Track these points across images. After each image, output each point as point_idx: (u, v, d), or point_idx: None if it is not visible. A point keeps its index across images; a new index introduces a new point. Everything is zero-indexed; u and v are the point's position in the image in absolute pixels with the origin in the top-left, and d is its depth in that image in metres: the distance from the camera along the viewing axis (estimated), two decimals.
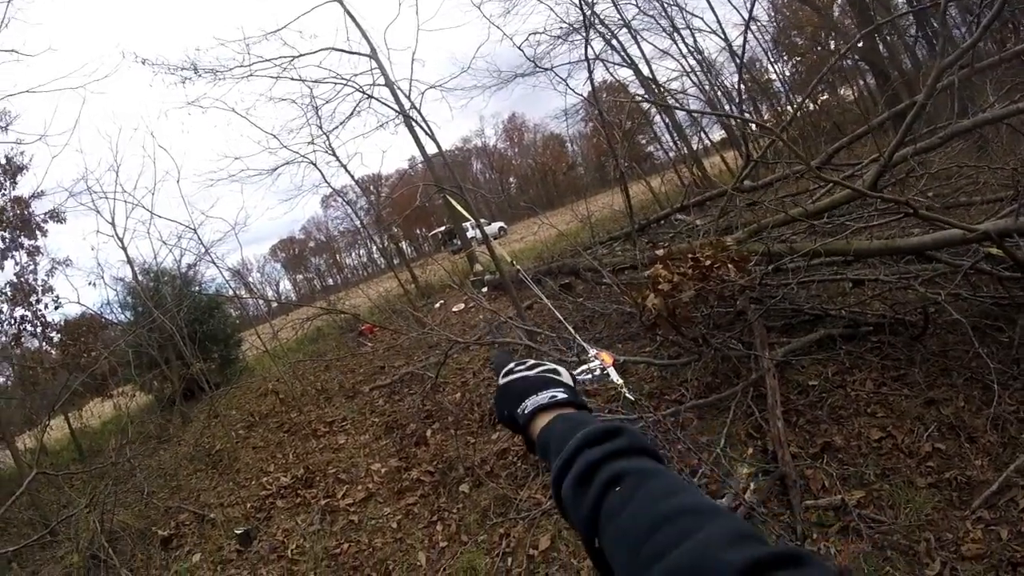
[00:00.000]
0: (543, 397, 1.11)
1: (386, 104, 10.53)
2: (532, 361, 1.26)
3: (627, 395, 4.73)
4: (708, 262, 5.02)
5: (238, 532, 6.04)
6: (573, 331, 2.23)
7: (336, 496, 6.21)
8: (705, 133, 23.36)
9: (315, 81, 11.44)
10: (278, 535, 5.89)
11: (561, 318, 2.58)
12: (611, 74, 21.45)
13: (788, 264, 5.70)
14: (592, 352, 1.47)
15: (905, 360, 4.77)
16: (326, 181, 17.97)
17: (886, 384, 4.63)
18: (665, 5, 20.33)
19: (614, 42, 20.17)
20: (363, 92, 10.48)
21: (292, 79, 11.64)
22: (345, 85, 10.60)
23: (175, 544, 6.52)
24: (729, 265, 5.02)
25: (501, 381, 1.25)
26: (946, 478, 3.65)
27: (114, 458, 8.05)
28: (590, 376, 1.42)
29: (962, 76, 5.89)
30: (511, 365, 1.28)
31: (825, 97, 21.64)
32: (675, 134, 22.89)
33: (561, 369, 1.23)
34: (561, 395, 1.11)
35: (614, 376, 1.37)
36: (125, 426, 10.38)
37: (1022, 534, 3.13)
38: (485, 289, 13.27)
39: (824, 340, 5.31)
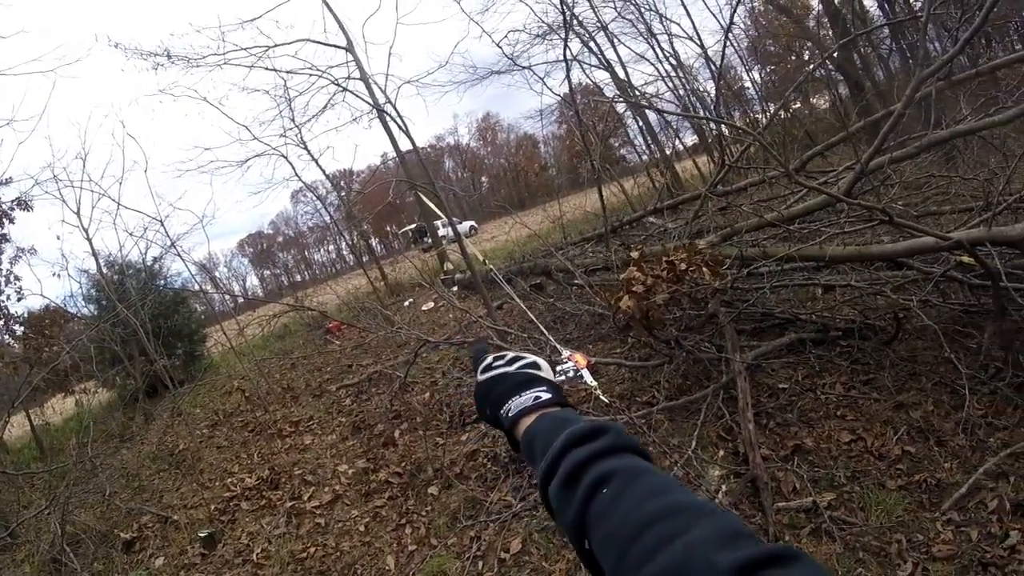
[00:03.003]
0: (526, 399, 1.07)
1: (361, 98, 10.41)
2: (511, 354, 1.21)
3: (601, 397, 4.69)
4: (682, 265, 5.05)
5: (202, 535, 5.91)
6: (546, 331, 2.20)
7: (302, 498, 6.11)
8: (678, 137, 23.58)
9: (289, 72, 11.31)
10: (243, 538, 5.78)
11: (533, 318, 2.56)
12: (587, 76, 21.58)
13: (761, 268, 5.73)
14: (565, 353, 1.43)
15: (874, 364, 4.83)
16: (296, 175, 17.87)
17: (855, 388, 4.68)
18: (643, 10, 20.48)
19: (591, 44, 20.29)
20: (338, 85, 10.36)
21: (266, 69, 11.51)
22: (320, 77, 10.47)
23: (138, 547, 6.34)
24: (703, 268, 5.05)
25: (480, 377, 1.20)
26: (916, 480, 3.70)
27: (75, 457, 7.87)
28: (563, 377, 1.38)
29: (938, 88, 5.97)
30: (489, 360, 1.22)
31: (797, 105, 21.89)
32: (648, 137, 23.08)
33: (541, 362, 1.18)
34: (545, 395, 1.07)
35: (587, 378, 1.35)
36: (87, 424, 10.14)
37: (992, 535, 3.18)
38: (455, 288, 13.21)
39: (794, 344, 5.36)
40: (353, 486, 6.00)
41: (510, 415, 1.06)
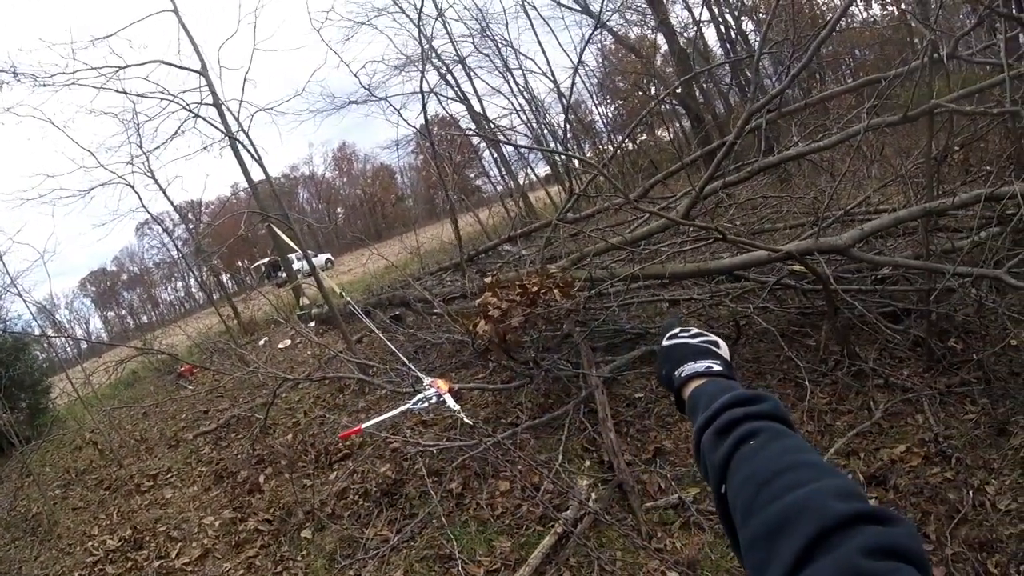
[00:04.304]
0: (700, 365, 1.20)
1: (213, 124, 10.14)
2: (696, 330, 1.34)
3: (465, 420, 4.68)
4: (535, 288, 5.20)
5: None
6: (407, 361, 2.23)
7: (170, 556, 5.72)
8: (531, 168, 24.19)
9: (140, 95, 10.89)
10: None
11: (394, 349, 2.58)
12: (444, 108, 21.88)
13: (609, 288, 5.97)
14: (427, 381, 1.49)
15: None
16: (143, 206, 17.02)
17: None
18: (499, 45, 20.98)
19: (449, 77, 20.61)
20: (189, 111, 10.04)
21: (116, 91, 11.04)
22: (172, 101, 10.13)
23: None
24: (555, 291, 5.23)
25: (664, 343, 1.34)
26: None
27: None
28: (427, 404, 1.45)
29: (769, 119, 6.45)
30: (676, 330, 1.37)
31: (643, 137, 22.90)
32: (503, 169, 23.53)
33: (720, 342, 1.31)
34: (716, 367, 1.20)
35: (451, 402, 1.40)
36: None
37: None
38: (313, 323, 12.93)
39: (646, 356, 5.63)
40: (222, 538, 5.70)
41: (682, 375, 1.21)
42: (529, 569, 3.71)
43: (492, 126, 20.74)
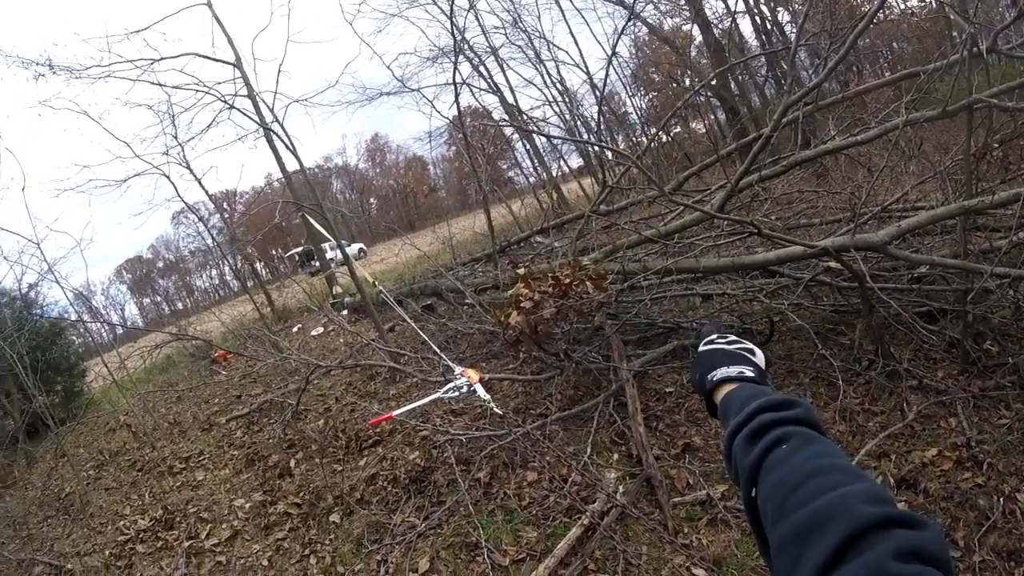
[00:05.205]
0: (732, 371, 1.23)
1: (247, 116, 10.16)
2: (733, 336, 1.38)
3: (495, 410, 4.68)
4: (567, 280, 5.19)
5: None
6: (439, 351, 2.25)
7: (200, 536, 5.80)
8: (564, 160, 24.14)
9: (175, 87, 10.91)
10: None
11: (426, 338, 2.60)
12: (476, 99, 21.87)
13: (642, 282, 5.96)
14: (458, 371, 1.50)
15: None
16: (179, 195, 17.23)
17: None
18: (532, 37, 20.95)
19: (481, 68, 20.62)
20: (224, 102, 10.04)
21: (151, 83, 11.12)
22: (207, 93, 10.16)
23: None
24: (587, 283, 5.21)
25: (701, 348, 1.39)
26: None
27: None
28: (457, 394, 1.46)
29: (806, 112, 6.38)
30: (713, 336, 1.40)
31: (678, 130, 22.75)
32: (535, 160, 23.52)
33: (756, 350, 1.33)
34: (749, 372, 1.23)
35: (481, 392, 1.42)
36: None
37: None
38: (345, 312, 13.02)
39: (677, 350, 5.63)
40: (252, 520, 5.77)
41: (714, 379, 1.24)
42: (555, 560, 3.72)
43: (525, 117, 20.71)
